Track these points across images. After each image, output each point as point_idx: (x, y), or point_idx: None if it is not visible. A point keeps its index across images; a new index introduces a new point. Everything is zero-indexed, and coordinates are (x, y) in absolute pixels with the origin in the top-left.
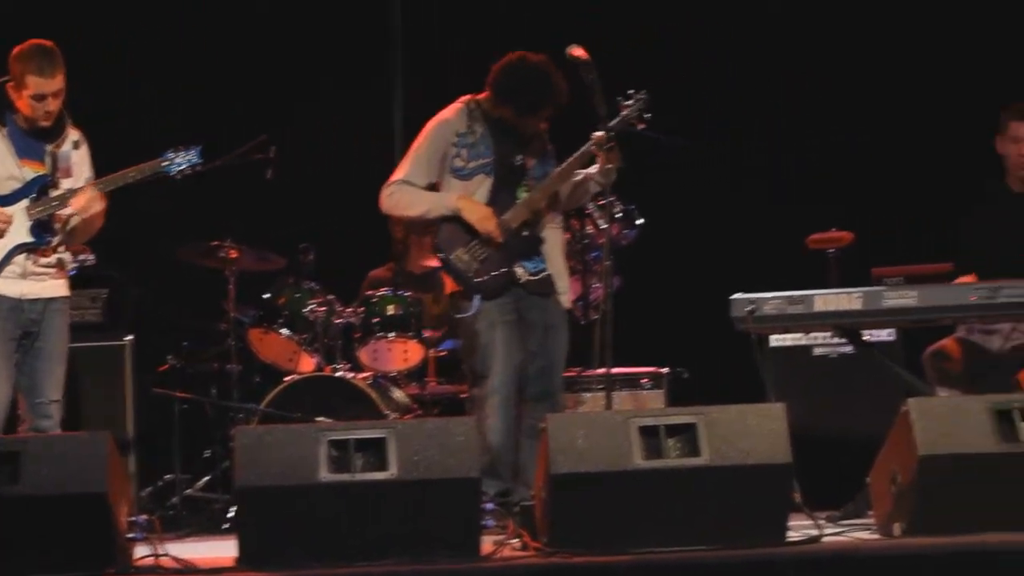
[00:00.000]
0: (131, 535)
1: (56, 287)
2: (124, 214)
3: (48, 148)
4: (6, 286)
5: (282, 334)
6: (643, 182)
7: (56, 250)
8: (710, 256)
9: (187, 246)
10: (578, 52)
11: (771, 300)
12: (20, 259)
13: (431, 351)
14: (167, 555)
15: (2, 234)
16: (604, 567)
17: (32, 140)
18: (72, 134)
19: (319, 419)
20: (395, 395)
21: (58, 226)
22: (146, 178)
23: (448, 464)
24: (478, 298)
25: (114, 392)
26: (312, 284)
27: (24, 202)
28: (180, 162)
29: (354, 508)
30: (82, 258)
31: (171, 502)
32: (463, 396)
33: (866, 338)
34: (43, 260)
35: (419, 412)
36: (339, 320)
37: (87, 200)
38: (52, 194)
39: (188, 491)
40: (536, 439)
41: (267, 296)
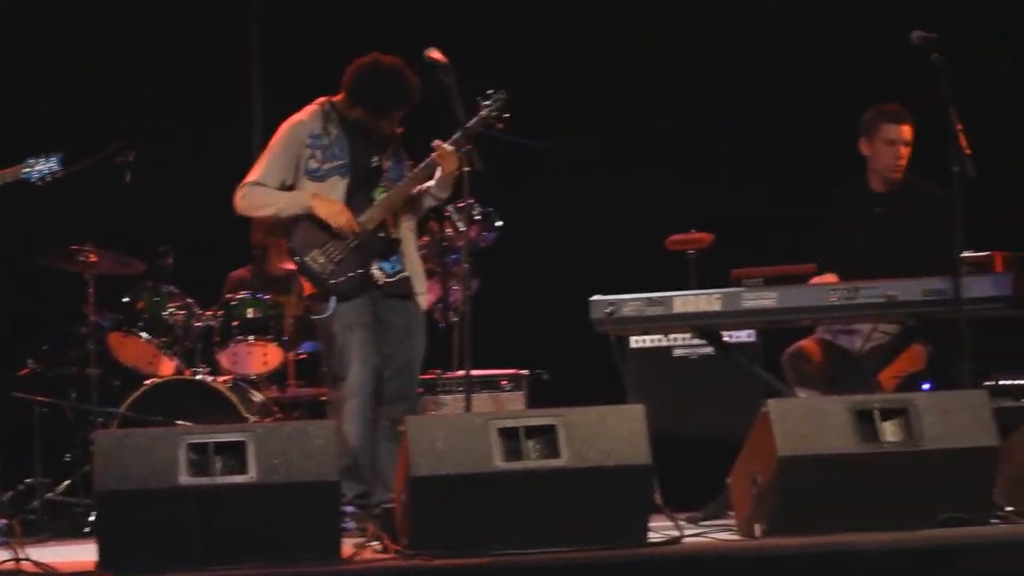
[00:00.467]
0: None
1: None
2: None
3: None
4: None
5: (142, 338)
6: (502, 184)
7: None
8: (570, 258)
9: (47, 250)
10: (435, 55)
11: (630, 302)
12: None
13: (291, 354)
14: (27, 559)
15: None
16: (464, 569)
17: None
18: None
19: (179, 423)
20: (255, 398)
21: None
22: (7, 184)
23: (307, 467)
24: (334, 300)
25: None
26: (171, 288)
27: None
28: (41, 169)
29: (214, 511)
30: None
31: (32, 506)
32: (323, 399)
33: (726, 339)
34: None
35: (279, 415)
36: (199, 323)
37: None
38: None
39: (49, 495)
40: (394, 441)
41: (127, 300)
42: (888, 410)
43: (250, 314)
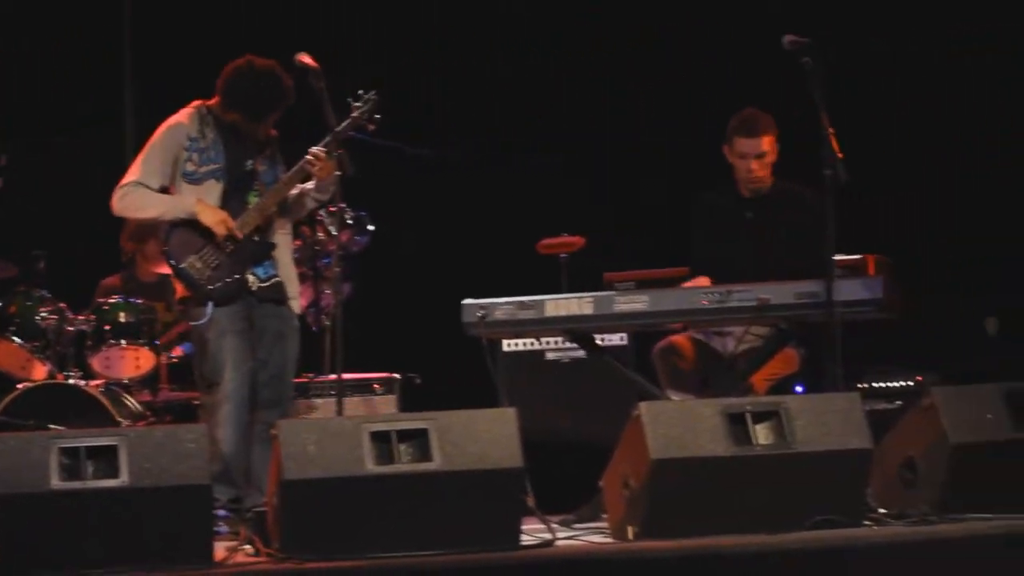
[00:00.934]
0: None
1: None
2: None
3: None
4: None
5: (14, 342)
6: (375, 189)
7: None
8: (442, 262)
9: None
10: (306, 59)
11: (502, 305)
12: None
13: (163, 358)
14: None
15: None
16: (336, 572)
17: None
18: None
19: (51, 427)
20: (128, 402)
21: None
22: None
23: (179, 471)
24: (211, 305)
25: None
26: (43, 292)
27: None
28: None
29: (84, 516)
30: None
31: None
32: (196, 403)
33: (598, 343)
34: None
35: (152, 419)
36: (71, 328)
37: None
38: None
39: None
40: (268, 445)
41: None
42: (760, 413)
43: (122, 318)
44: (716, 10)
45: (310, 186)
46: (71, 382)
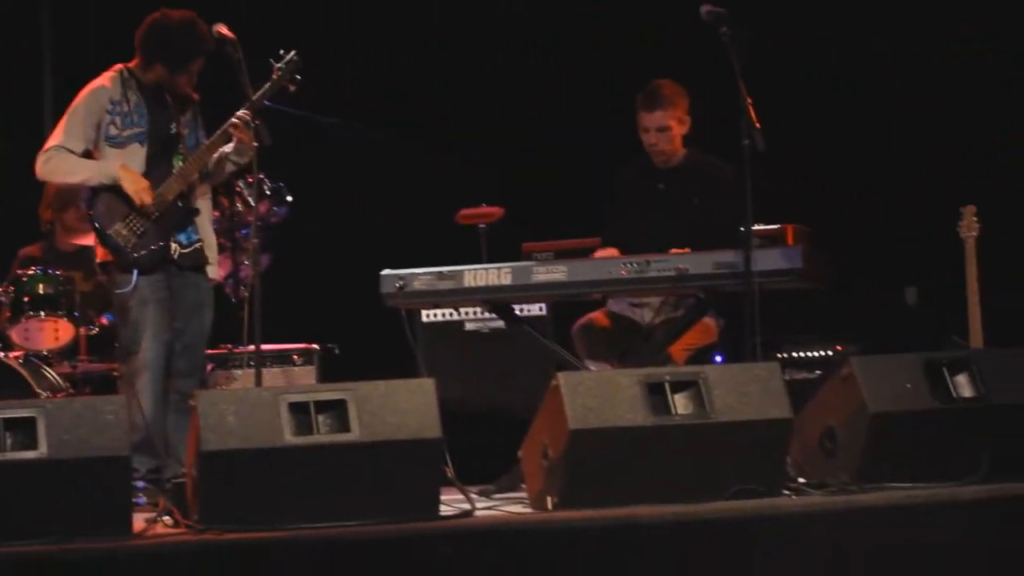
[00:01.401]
0: None
1: None
2: None
3: None
4: None
5: None
6: (293, 159)
7: None
8: (361, 233)
9: None
10: (223, 30)
11: (421, 276)
12: None
13: (82, 329)
14: None
15: None
16: (255, 543)
17: None
18: None
19: None
20: (47, 374)
21: None
22: None
23: (98, 442)
24: (136, 273)
25: None
26: None
27: None
28: None
29: (4, 487)
30: None
31: None
32: (115, 374)
33: (517, 313)
34: None
35: (71, 391)
36: None
37: None
38: None
39: None
40: (185, 415)
41: None
42: (679, 383)
43: (41, 290)
44: None
45: (228, 149)
46: None
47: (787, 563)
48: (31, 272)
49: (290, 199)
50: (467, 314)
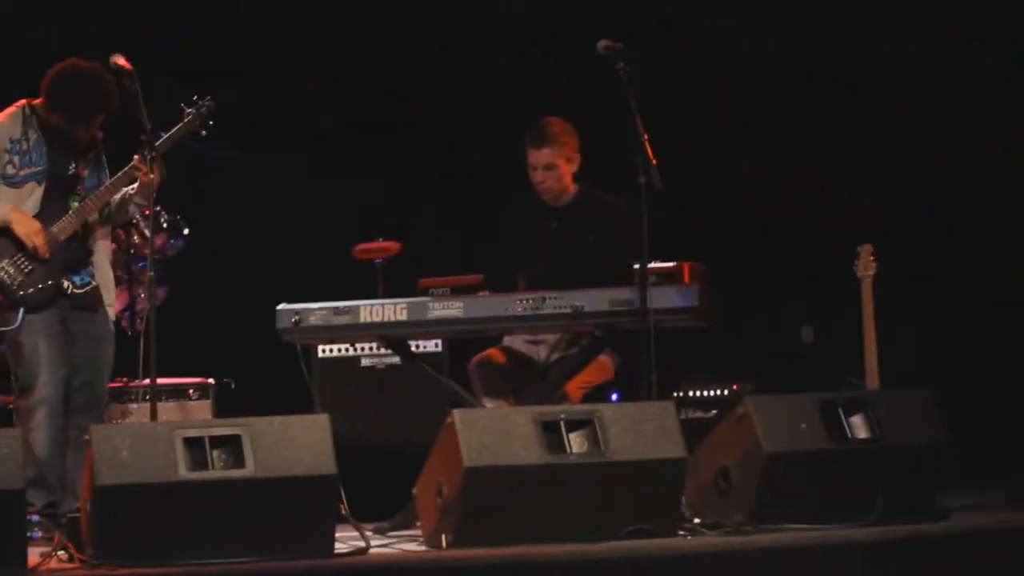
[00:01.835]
0: None
1: None
2: None
3: None
4: None
5: None
6: (191, 192)
7: None
8: (258, 267)
9: None
10: (121, 61)
11: (317, 311)
12: None
13: None
14: None
15: None
16: None
17: None
18: None
19: None
20: None
21: None
22: None
23: None
24: (23, 310)
25: None
26: None
27: None
28: None
29: None
30: None
31: None
32: (11, 407)
33: (413, 349)
34: None
35: None
36: None
37: None
38: None
39: None
40: (82, 450)
41: None
42: (575, 421)
43: None
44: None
45: (132, 190)
46: None
47: None
48: None
49: (187, 232)
50: (363, 349)
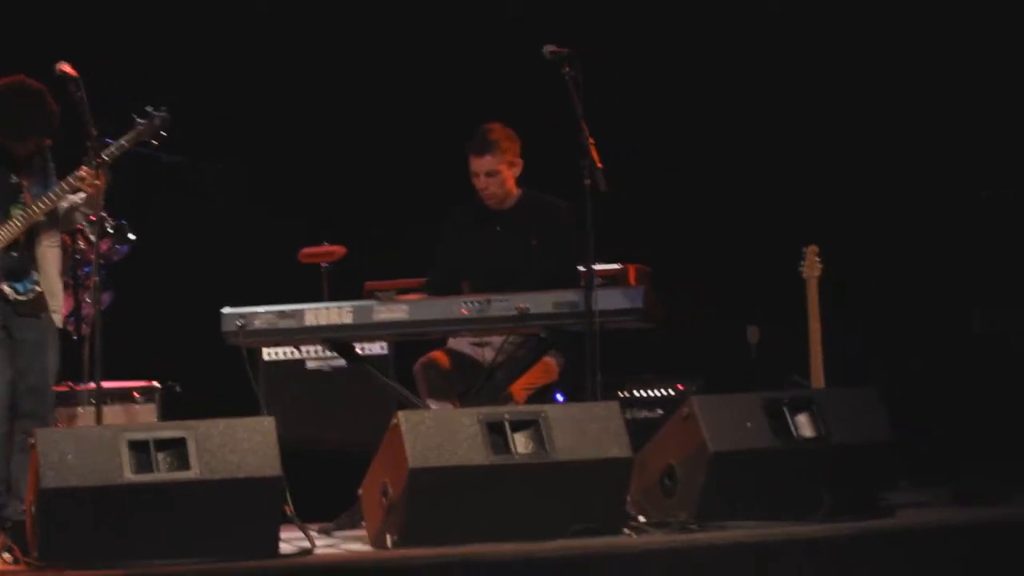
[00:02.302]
0: None
1: None
2: None
3: None
4: None
5: None
6: (135, 197)
7: None
8: (203, 271)
9: None
10: (66, 68)
11: (262, 314)
12: None
13: None
14: None
15: None
16: None
17: None
18: None
19: None
20: None
21: None
22: None
23: None
24: None
25: None
26: None
27: None
28: None
29: None
30: None
31: None
32: None
33: (359, 351)
34: None
35: None
36: None
37: None
38: None
39: None
40: (28, 454)
41: None
42: (519, 422)
43: None
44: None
45: (79, 200)
46: None
47: None
48: None
49: (132, 237)
50: (308, 353)
